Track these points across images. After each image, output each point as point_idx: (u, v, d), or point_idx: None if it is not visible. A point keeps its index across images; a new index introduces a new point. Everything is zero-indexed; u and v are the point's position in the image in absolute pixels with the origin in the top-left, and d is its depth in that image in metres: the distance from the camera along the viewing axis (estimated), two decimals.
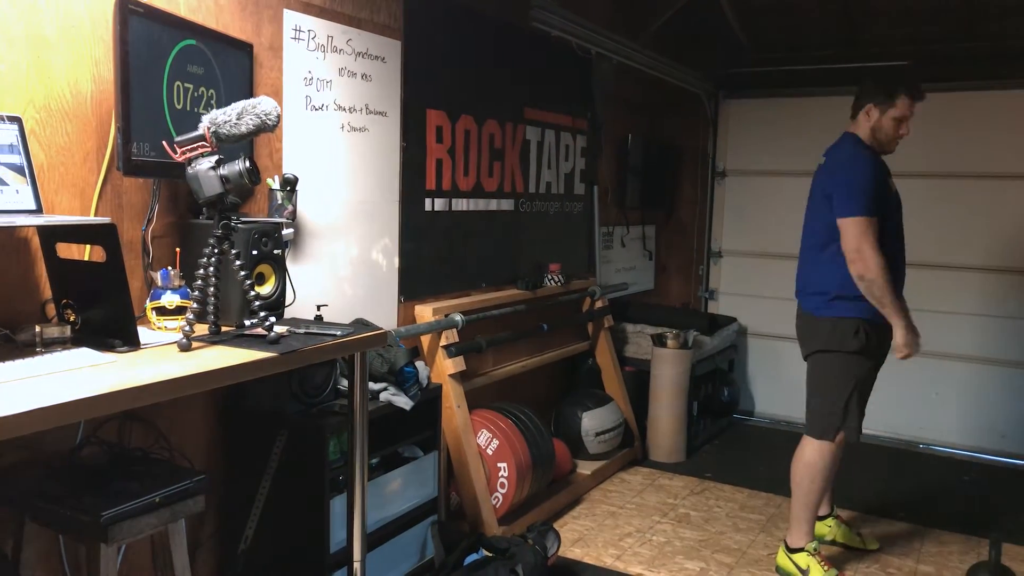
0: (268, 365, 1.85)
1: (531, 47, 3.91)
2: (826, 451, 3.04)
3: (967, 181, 4.82)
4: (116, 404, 1.52)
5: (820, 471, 3.05)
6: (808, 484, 3.06)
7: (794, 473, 3.10)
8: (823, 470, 3.05)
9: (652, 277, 5.59)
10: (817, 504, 3.11)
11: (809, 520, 3.09)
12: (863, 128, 3.04)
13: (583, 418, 4.08)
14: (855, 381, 2.99)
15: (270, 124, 1.97)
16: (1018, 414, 4.72)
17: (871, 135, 3.02)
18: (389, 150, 3.11)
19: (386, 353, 2.72)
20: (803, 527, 3.08)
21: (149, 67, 2.10)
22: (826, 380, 3.04)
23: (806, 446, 3.10)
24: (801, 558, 3.07)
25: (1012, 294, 4.73)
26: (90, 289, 1.84)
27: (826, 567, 3.03)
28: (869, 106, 3.01)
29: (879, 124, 3.00)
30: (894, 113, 2.97)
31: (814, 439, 3.07)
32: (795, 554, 3.08)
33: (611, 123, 4.72)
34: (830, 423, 3.02)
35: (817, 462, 3.04)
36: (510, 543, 2.92)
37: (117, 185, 2.13)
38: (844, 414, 3.00)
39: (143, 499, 1.80)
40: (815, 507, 3.10)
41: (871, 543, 3.41)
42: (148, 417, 2.21)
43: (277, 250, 2.27)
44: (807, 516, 3.08)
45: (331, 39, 2.78)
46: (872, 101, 3.00)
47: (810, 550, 3.06)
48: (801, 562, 3.06)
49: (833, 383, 3.01)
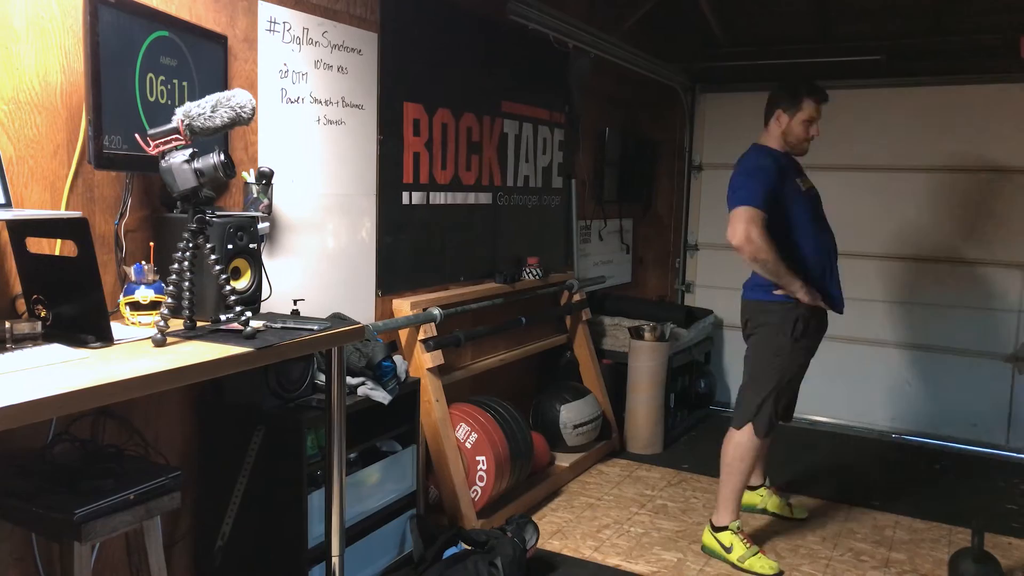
0: (244, 360, 1.83)
1: (508, 40, 3.91)
2: (754, 434, 3.17)
3: (947, 175, 4.88)
4: (89, 401, 1.50)
5: (748, 451, 3.17)
6: (737, 464, 3.18)
7: (724, 455, 3.22)
8: (751, 450, 3.17)
9: (629, 270, 5.62)
10: (744, 485, 3.23)
11: (735, 499, 3.21)
12: (773, 134, 3.18)
13: (561, 411, 4.09)
14: (778, 378, 3.12)
15: (245, 117, 1.95)
16: (988, 404, 4.81)
17: (782, 140, 3.16)
18: (366, 143, 3.10)
19: (364, 347, 2.71)
20: (729, 506, 3.20)
21: (120, 59, 2.06)
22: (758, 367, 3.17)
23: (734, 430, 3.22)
24: (725, 536, 3.18)
25: (988, 287, 4.80)
26: (61, 284, 1.81)
27: (747, 544, 3.14)
28: (778, 112, 3.16)
29: (789, 128, 3.14)
30: (802, 116, 3.12)
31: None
32: (719, 532, 3.20)
33: (588, 117, 4.73)
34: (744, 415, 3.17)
35: (745, 443, 3.16)
36: (489, 536, 2.92)
37: (88, 178, 2.10)
38: (757, 411, 3.14)
39: (117, 496, 1.78)
40: (741, 488, 3.23)
41: (799, 512, 3.58)
42: (122, 413, 2.18)
43: (253, 244, 2.26)
44: (733, 496, 3.20)
45: (306, 31, 2.76)
46: (780, 107, 3.15)
47: (733, 528, 3.18)
48: (725, 540, 3.18)
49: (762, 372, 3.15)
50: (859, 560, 3.27)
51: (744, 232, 2.93)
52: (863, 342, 5.07)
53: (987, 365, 4.82)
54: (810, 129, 3.14)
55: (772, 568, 3.09)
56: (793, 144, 3.17)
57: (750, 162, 3.12)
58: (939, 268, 4.91)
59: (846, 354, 5.02)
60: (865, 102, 4.99)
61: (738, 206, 2.97)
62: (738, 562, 3.12)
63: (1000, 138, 4.71)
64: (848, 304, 3.27)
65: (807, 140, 3.17)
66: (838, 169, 4.97)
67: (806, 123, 3.13)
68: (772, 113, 3.19)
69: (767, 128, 3.22)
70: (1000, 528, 3.57)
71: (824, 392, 4.87)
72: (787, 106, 3.13)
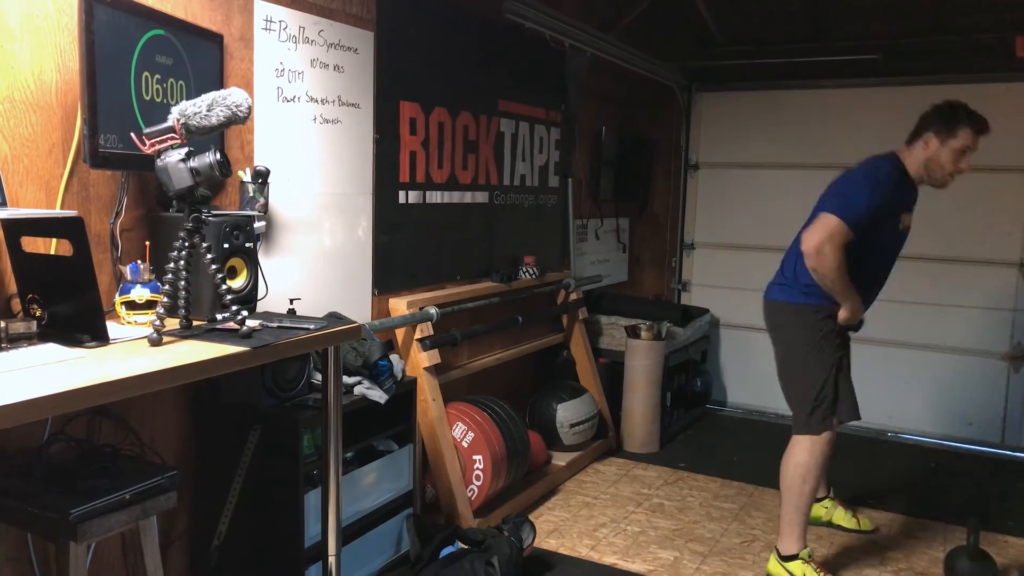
0: (240, 359, 1.83)
1: (505, 39, 3.90)
2: (816, 448, 2.91)
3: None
4: (84, 400, 1.49)
5: (811, 470, 2.90)
6: (800, 485, 2.90)
7: (784, 475, 2.95)
8: (814, 468, 2.90)
9: (626, 269, 5.62)
10: (809, 507, 2.97)
11: (802, 524, 2.93)
12: (915, 156, 2.89)
13: (558, 410, 4.09)
14: (832, 362, 2.90)
15: (241, 116, 1.95)
16: (984, 403, 4.82)
17: (922, 166, 2.87)
18: (362, 142, 3.09)
19: (360, 347, 2.70)
20: (795, 531, 2.92)
21: (116, 57, 2.06)
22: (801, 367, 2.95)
23: (795, 446, 2.96)
24: (796, 567, 2.92)
25: (983, 285, 4.81)
26: (57, 283, 1.80)
27: (821, 573, 2.90)
28: (928, 135, 2.85)
29: (937, 155, 2.84)
30: (955, 144, 2.82)
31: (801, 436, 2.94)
32: (789, 562, 2.93)
33: (585, 116, 4.73)
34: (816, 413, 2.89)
35: (807, 461, 2.90)
36: (485, 535, 2.92)
37: (84, 177, 2.09)
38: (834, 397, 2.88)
39: (113, 496, 1.78)
40: (807, 510, 2.94)
41: (867, 524, 3.43)
42: (118, 413, 2.18)
43: (249, 243, 2.25)
44: (799, 520, 2.92)
45: (303, 30, 2.75)
46: (932, 130, 2.85)
47: (804, 557, 2.92)
48: (796, 571, 2.91)
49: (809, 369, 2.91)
50: (856, 558, 3.27)
51: (818, 244, 2.70)
52: (860, 341, 5.01)
53: (983, 364, 4.83)
54: (961, 162, 2.83)
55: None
56: (935, 173, 2.86)
57: (876, 171, 2.84)
58: (935, 267, 4.91)
59: None
60: (861, 101, 5.00)
61: (830, 213, 2.73)
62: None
63: (996, 137, 4.68)
64: None
65: (953, 174, 2.86)
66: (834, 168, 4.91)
67: (958, 153, 2.82)
68: (921, 135, 2.87)
69: (910, 147, 2.90)
70: (996, 526, 3.58)
71: None
72: (940, 131, 2.82)
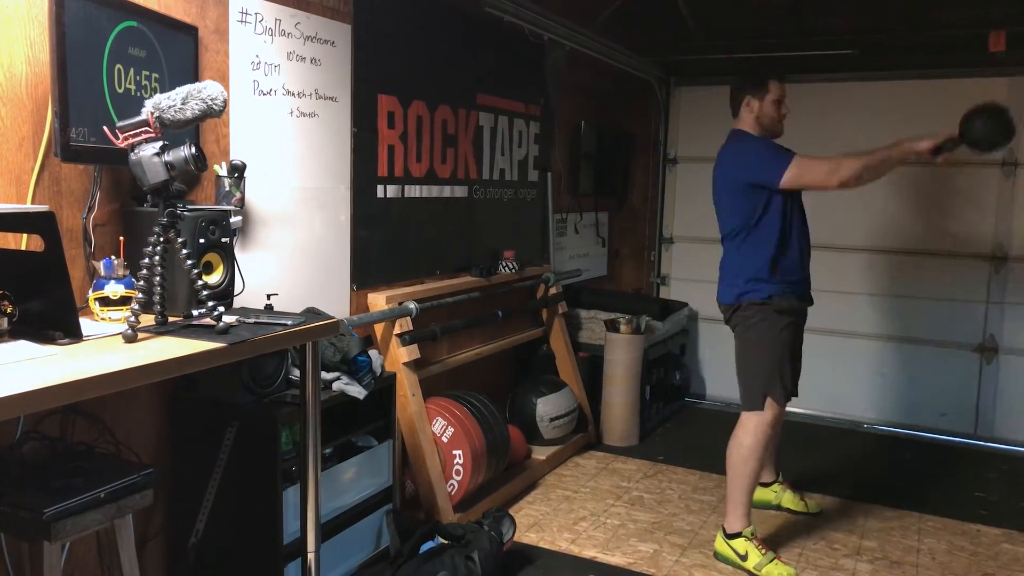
0: (217, 356, 1.81)
1: (484, 32, 3.89)
2: (759, 430, 3.10)
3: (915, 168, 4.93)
4: (57, 398, 1.47)
5: (752, 451, 3.10)
6: (742, 466, 3.11)
7: (729, 456, 3.16)
8: (755, 449, 3.10)
9: (605, 263, 5.63)
10: (752, 487, 3.15)
11: (745, 504, 3.12)
12: (747, 121, 3.22)
13: (538, 404, 4.10)
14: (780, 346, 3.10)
15: (216, 109, 1.93)
16: (957, 394, 4.89)
17: (757, 125, 3.20)
18: (340, 136, 3.07)
19: (339, 342, 2.69)
20: (739, 510, 3.12)
21: (87, 49, 2.02)
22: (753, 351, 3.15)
23: (739, 429, 3.16)
24: (739, 544, 3.10)
25: (956, 278, 4.87)
26: (28, 280, 1.77)
27: (763, 551, 3.07)
28: (747, 99, 3.21)
29: (762, 111, 3.19)
30: (771, 97, 3.18)
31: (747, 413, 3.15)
32: (733, 539, 3.12)
33: (564, 110, 4.73)
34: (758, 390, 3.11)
35: (750, 443, 3.10)
36: (466, 530, 2.92)
37: (55, 171, 2.06)
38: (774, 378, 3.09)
39: (87, 495, 1.76)
40: (751, 490, 3.14)
41: (813, 507, 3.56)
42: (92, 411, 2.15)
43: (225, 238, 2.23)
44: (743, 500, 3.12)
45: (279, 22, 2.72)
46: (747, 94, 3.20)
47: (747, 535, 3.10)
48: (739, 547, 3.10)
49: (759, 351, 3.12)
50: (832, 548, 3.31)
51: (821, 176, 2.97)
52: (836, 333, 5.12)
53: (956, 356, 4.90)
54: (781, 108, 3.20)
55: (790, 574, 3.01)
56: (768, 126, 3.20)
57: (749, 141, 3.17)
58: (910, 260, 4.97)
59: (819, 345, 5.05)
60: (838, 96, 5.04)
61: (782, 173, 2.98)
62: (755, 570, 3.03)
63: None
64: (822, 296, 3.32)
65: (781, 119, 3.22)
66: None
67: (776, 103, 3.18)
68: (740, 102, 3.23)
69: (739, 118, 3.25)
70: (968, 516, 3.64)
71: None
72: (754, 92, 3.19)
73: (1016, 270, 4.73)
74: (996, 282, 4.79)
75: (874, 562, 3.20)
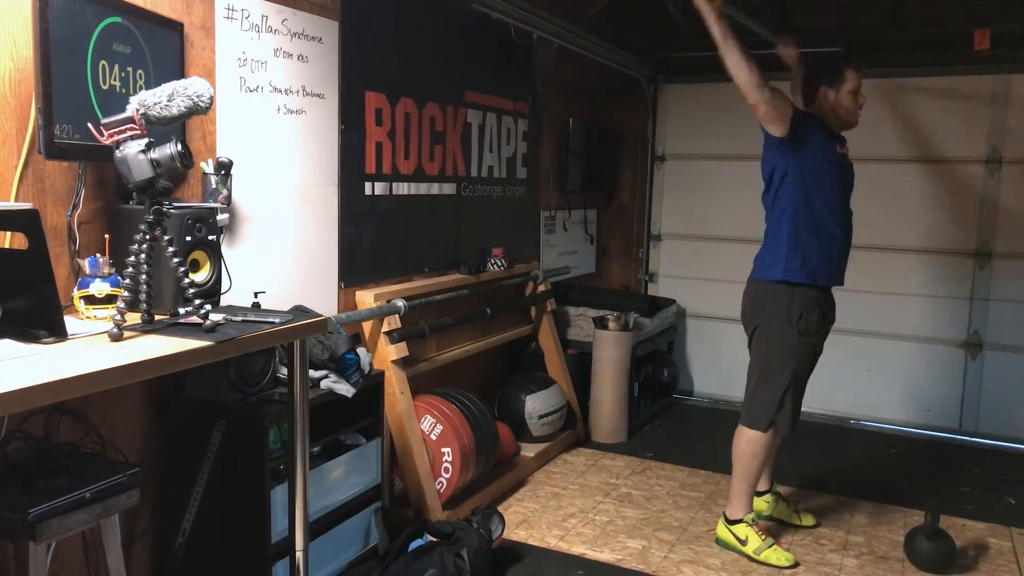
0: (204, 354, 1.80)
1: (472, 29, 3.88)
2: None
3: (901, 165, 4.97)
4: (41, 397, 1.46)
5: (762, 446, 3.16)
6: (749, 459, 3.17)
7: (736, 448, 3.21)
8: (765, 445, 3.16)
9: (593, 260, 5.64)
10: (757, 478, 3.23)
11: (748, 493, 3.21)
12: (821, 110, 3.17)
13: (526, 401, 4.10)
14: (793, 371, 3.10)
15: (203, 106, 1.91)
16: (943, 390, 4.93)
17: (832, 114, 3.15)
18: (327, 133, 3.06)
19: (326, 340, 2.68)
20: (742, 499, 3.20)
21: (72, 45, 2.01)
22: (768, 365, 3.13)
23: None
24: (740, 529, 3.18)
25: (941, 275, 4.91)
26: (12, 278, 1.76)
27: (763, 536, 3.15)
28: (822, 89, 3.15)
29: (838, 102, 3.13)
30: (848, 87, 3.13)
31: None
32: (734, 525, 3.20)
33: (552, 107, 4.73)
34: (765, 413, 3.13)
35: (759, 437, 3.15)
36: (455, 527, 2.92)
37: (39, 169, 2.04)
38: (779, 406, 3.12)
39: (73, 495, 1.75)
40: (754, 481, 3.22)
41: (807, 519, 3.50)
42: (78, 410, 2.13)
43: (212, 236, 2.22)
44: (746, 489, 3.20)
45: (265, 19, 2.71)
46: (823, 84, 3.15)
47: (748, 521, 3.18)
48: (740, 532, 3.18)
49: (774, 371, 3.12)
50: (818, 543, 3.33)
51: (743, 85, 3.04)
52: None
53: (941, 352, 4.93)
54: (858, 98, 3.15)
55: (788, 560, 3.10)
56: (845, 116, 3.15)
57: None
58: (895, 257, 5.00)
59: None
60: None
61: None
62: (754, 554, 3.12)
63: (954, 129, 4.82)
64: None
65: (858, 109, 3.16)
66: None
67: (852, 93, 3.13)
68: (815, 93, 3.18)
69: (812, 106, 3.19)
70: (954, 510, 3.67)
71: None
72: (831, 82, 3.14)
73: (1000, 266, 4.77)
74: (981, 278, 4.83)
75: (860, 557, 3.23)
